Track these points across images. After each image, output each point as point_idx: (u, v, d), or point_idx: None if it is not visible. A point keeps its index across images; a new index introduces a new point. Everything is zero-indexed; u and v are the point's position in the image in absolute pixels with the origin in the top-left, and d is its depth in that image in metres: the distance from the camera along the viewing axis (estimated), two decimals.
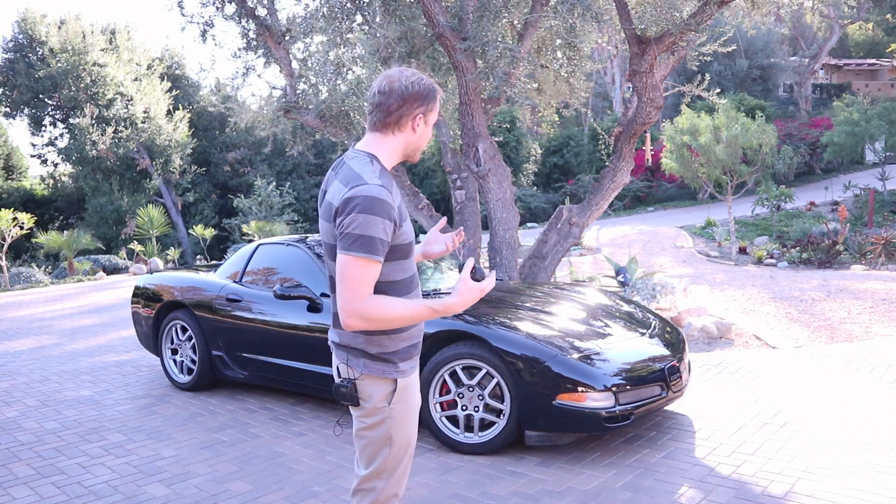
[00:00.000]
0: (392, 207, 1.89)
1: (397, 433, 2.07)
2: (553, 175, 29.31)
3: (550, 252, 7.20)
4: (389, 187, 1.92)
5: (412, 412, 2.11)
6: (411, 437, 2.11)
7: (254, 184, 25.37)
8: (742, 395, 4.71)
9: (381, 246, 1.87)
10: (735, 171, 13.88)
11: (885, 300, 7.95)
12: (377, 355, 2.03)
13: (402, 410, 2.07)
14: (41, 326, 8.96)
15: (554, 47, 8.42)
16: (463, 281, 1.91)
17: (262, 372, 4.93)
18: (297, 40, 8.22)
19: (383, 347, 2.03)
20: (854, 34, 40.69)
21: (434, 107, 2.01)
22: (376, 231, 1.85)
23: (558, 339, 3.84)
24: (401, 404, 2.07)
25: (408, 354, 2.09)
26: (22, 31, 26.92)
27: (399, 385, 2.06)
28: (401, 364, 2.06)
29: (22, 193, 29.70)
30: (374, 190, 1.86)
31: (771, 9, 7.11)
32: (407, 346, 2.08)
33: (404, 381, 2.07)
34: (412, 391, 2.11)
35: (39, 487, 3.59)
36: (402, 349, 2.06)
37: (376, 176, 1.90)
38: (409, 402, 2.10)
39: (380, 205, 1.85)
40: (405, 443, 2.09)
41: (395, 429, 2.07)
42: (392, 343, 2.05)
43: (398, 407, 2.06)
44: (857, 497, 3.10)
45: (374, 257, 1.86)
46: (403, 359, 2.07)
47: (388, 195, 1.88)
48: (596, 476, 3.47)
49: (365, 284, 1.87)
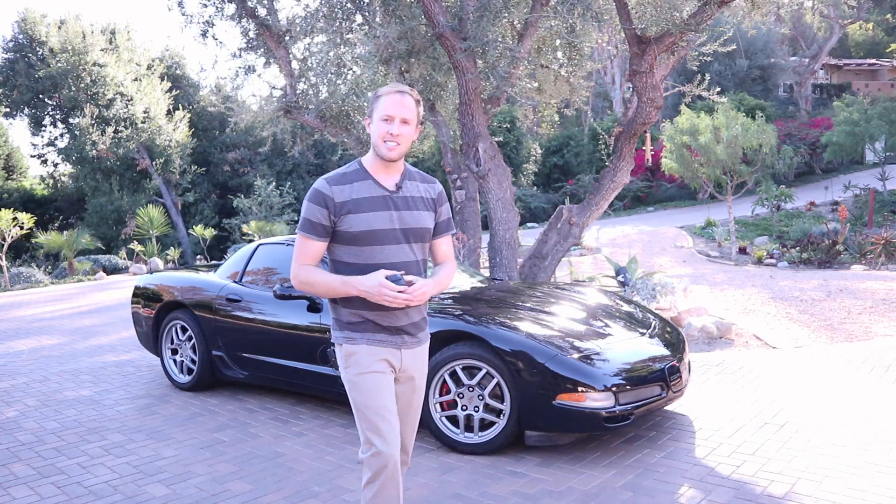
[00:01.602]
0: (326, 197, 2.31)
1: (353, 395, 2.38)
2: (553, 175, 29.30)
3: (550, 252, 7.20)
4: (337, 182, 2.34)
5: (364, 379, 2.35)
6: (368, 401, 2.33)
7: (254, 184, 25.37)
8: (742, 395, 4.71)
9: (314, 227, 2.32)
10: (735, 171, 13.88)
11: (885, 300, 7.95)
12: (337, 322, 2.43)
13: (352, 374, 2.37)
14: (41, 326, 8.96)
15: (554, 47, 8.42)
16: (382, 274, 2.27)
17: (262, 372, 4.93)
18: (297, 40, 8.23)
19: (338, 316, 2.43)
20: (854, 34, 40.68)
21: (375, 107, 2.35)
22: (309, 214, 2.33)
23: (558, 339, 3.84)
24: (350, 369, 2.38)
25: (358, 328, 2.38)
26: (22, 31, 26.91)
27: (345, 349, 2.38)
28: (350, 332, 2.38)
29: (22, 193, 29.69)
30: (316, 182, 2.35)
31: (771, 9, 7.11)
32: (357, 322, 2.38)
33: (351, 347, 2.37)
34: (362, 358, 2.36)
35: (39, 487, 3.59)
36: (351, 322, 2.39)
37: (335, 172, 2.38)
38: (358, 367, 2.36)
39: (313, 194, 2.33)
40: (364, 405, 2.34)
41: (351, 391, 2.39)
42: (341, 314, 2.42)
43: (348, 372, 2.39)
44: (857, 497, 3.10)
45: (306, 234, 2.34)
46: (354, 329, 2.38)
47: (326, 187, 2.32)
48: (596, 476, 3.47)
49: (301, 255, 2.36)
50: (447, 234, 2.56)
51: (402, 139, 2.33)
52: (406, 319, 2.43)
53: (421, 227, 2.42)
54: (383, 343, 2.39)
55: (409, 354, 2.46)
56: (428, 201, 2.47)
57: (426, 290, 2.34)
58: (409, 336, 2.45)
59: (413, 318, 2.45)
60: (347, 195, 2.32)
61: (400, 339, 2.43)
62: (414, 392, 2.53)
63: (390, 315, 2.38)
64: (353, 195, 2.32)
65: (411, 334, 2.45)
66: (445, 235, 2.55)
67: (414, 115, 2.35)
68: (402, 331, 2.43)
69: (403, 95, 2.34)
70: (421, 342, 2.51)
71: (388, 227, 2.34)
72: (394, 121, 2.31)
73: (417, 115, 2.37)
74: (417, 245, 2.43)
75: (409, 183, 2.44)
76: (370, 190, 2.35)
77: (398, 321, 2.41)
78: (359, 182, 2.35)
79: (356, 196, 2.32)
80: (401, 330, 2.42)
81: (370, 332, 2.39)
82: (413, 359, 2.48)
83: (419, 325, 2.49)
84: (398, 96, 2.33)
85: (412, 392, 2.52)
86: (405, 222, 2.38)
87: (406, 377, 2.48)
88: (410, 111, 2.34)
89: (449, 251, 2.59)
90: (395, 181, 2.40)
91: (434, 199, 2.49)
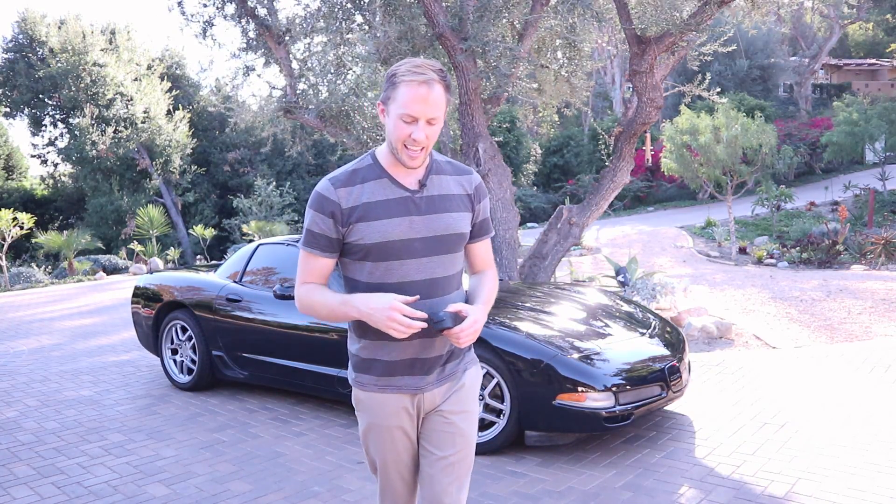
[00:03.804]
0: (329, 201, 1.83)
1: (365, 444, 2.00)
2: (553, 175, 29.31)
3: (550, 252, 7.20)
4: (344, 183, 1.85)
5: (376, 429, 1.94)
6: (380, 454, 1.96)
7: (254, 184, 25.37)
8: (742, 395, 4.71)
9: (317, 240, 1.86)
10: (735, 171, 13.87)
11: (885, 300, 7.95)
12: (350, 353, 2.00)
13: (364, 423, 1.97)
14: (41, 326, 8.96)
15: (554, 47, 8.42)
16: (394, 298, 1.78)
17: (262, 372, 4.93)
18: (297, 40, 8.22)
19: (350, 347, 1.99)
20: (854, 34, 40.68)
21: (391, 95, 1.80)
22: (311, 224, 1.86)
23: (558, 339, 3.84)
24: (362, 415, 1.97)
25: (367, 368, 1.92)
26: (22, 31, 26.92)
27: (355, 395, 1.97)
28: (358, 373, 1.95)
29: (22, 193, 29.70)
30: (319, 185, 1.87)
31: (771, 9, 7.11)
32: (366, 358, 1.91)
33: (358, 392, 1.96)
34: (373, 406, 1.92)
35: (39, 487, 3.59)
36: (360, 358, 1.93)
37: (341, 170, 1.90)
38: (370, 418, 1.94)
39: (315, 199, 1.86)
40: (374, 457, 1.99)
41: (362, 438, 2.01)
42: (352, 345, 1.97)
43: (359, 417, 1.99)
44: (857, 497, 3.10)
45: (307, 249, 1.87)
46: (364, 368, 1.93)
47: (330, 190, 1.84)
48: (596, 476, 3.47)
49: (303, 273, 1.90)
50: (486, 237, 2.05)
51: (429, 142, 1.82)
52: (433, 351, 1.90)
53: (452, 233, 1.89)
54: (399, 389, 1.90)
55: (441, 393, 1.94)
56: (463, 199, 1.94)
57: (479, 323, 1.82)
58: (434, 374, 1.92)
59: (444, 347, 1.92)
60: (357, 199, 1.83)
61: (420, 380, 1.90)
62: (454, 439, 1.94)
63: (407, 346, 1.87)
64: (364, 198, 1.83)
65: (439, 369, 1.93)
66: (485, 238, 2.04)
67: (443, 108, 1.81)
68: (426, 368, 1.90)
69: (431, 87, 1.76)
70: (457, 374, 1.98)
71: (409, 236, 1.84)
72: (418, 122, 1.78)
73: (446, 105, 1.83)
74: (448, 256, 1.90)
75: (436, 178, 1.91)
76: (385, 191, 1.85)
77: (422, 352, 1.89)
78: (371, 181, 1.85)
79: (368, 199, 1.83)
80: (424, 367, 1.90)
81: (381, 374, 1.90)
82: (448, 396, 1.95)
83: (453, 355, 1.96)
84: (424, 89, 1.75)
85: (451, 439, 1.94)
86: (431, 229, 1.86)
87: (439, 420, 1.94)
88: (439, 106, 1.79)
89: (489, 257, 2.07)
90: (418, 177, 1.89)
91: (471, 195, 1.97)
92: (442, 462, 1.93)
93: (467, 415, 1.97)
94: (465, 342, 1.79)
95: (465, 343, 1.79)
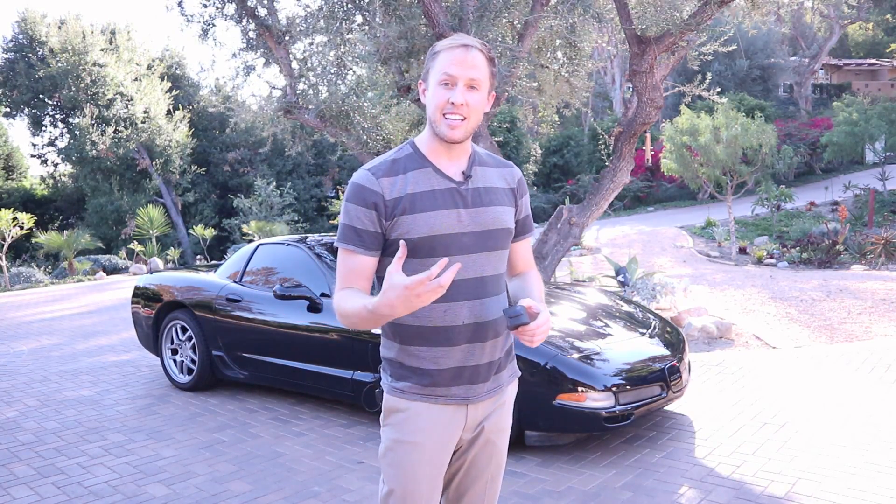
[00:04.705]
0: (371, 192, 1.66)
1: (385, 464, 1.75)
2: (553, 175, 29.31)
3: (550, 252, 7.20)
4: (386, 173, 1.69)
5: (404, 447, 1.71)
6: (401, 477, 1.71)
7: (254, 184, 25.38)
8: (742, 395, 4.71)
9: (360, 237, 1.67)
10: (735, 171, 13.88)
11: (885, 300, 7.95)
12: (383, 360, 1.79)
13: (390, 438, 1.73)
14: (41, 326, 8.96)
15: (554, 47, 8.42)
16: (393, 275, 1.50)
17: (262, 372, 4.93)
18: (297, 40, 8.23)
19: (385, 352, 1.79)
20: (854, 34, 40.69)
21: (431, 66, 1.69)
22: (350, 218, 1.68)
23: (558, 339, 3.84)
24: (390, 429, 1.74)
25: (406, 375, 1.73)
26: (22, 31, 26.92)
27: (387, 402, 1.75)
28: (396, 381, 1.74)
29: (22, 193, 29.71)
30: (357, 175, 1.70)
31: (771, 9, 7.11)
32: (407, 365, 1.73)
33: (395, 401, 1.73)
34: (409, 420, 1.71)
35: (39, 487, 3.59)
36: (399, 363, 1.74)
37: (381, 160, 1.73)
38: (401, 431, 1.72)
39: (355, 191, 1.67)
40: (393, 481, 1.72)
41: (383, 457, 1.75)
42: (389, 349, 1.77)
43: (387, 431, 1.75)
44: (857, 497, 3.10)
45: (347, 246, 1.68)
46: (402, 376, 1.73)
47: (371, 180, 1.67)
48: (596, 476, 3.47)
49: (344, 277, 1.69)
50: (529, 235, 1.92)
51: (470, 111, 1.67)
52: (485, 356, 1.74)
53: (500, 227, 1.76)
54: (444, 399, 1.71)
55: (485, 407, 1.78)
56: (507, 192, 1.81)
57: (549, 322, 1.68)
58: (484, 383, 1.75)
59: (494, 353, 1.76)
60: (401, 189, 1.68)
61: (469, 389, 1.73)
62: (491, 458, 1.82)
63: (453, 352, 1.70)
64: (409, 188, 1.68)
65: (487, 379, 1.76)
66: (527, 237, 1.92)
67: (486, 77, 1.68)
68: (475, 376, 1.74)
69: (469, 50, 1.65)
70: (503, 386, 1.82)
71: (457, 230, 1.69)
72: (457, 84, 1.65)
73: (491, 78, 1.71)
74: (497, 253, 1.76)
75: (479, 170, 1.78)
76: (430, 181, 1.70)
77: (470, 359, 1.72)
78: (414, 171, 1.70)
79: (412, 190, 1.68)
80: (474, 375, 1.73)
81: (424, 384, 1.71)
82: (490, 412, 1.80)
83: (502, 363, 1.80)
84: (462, 52, 1.65)
85: (488, 458, 1.82)
86: (479, 223, 1.72)
87: (478, 437, 1.79)
88: (480, 70, 1.66)
89: (531, 257, 1.95)
90: (462, 168, 1.75)
91: (514, 189, 1.84)
92: (477, 483, 1.82)
93: (505, 433, 1.85)
94: (538, 341, 1.63)
95: (538, 342, 1.63)
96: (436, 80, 1.67)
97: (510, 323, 1.61)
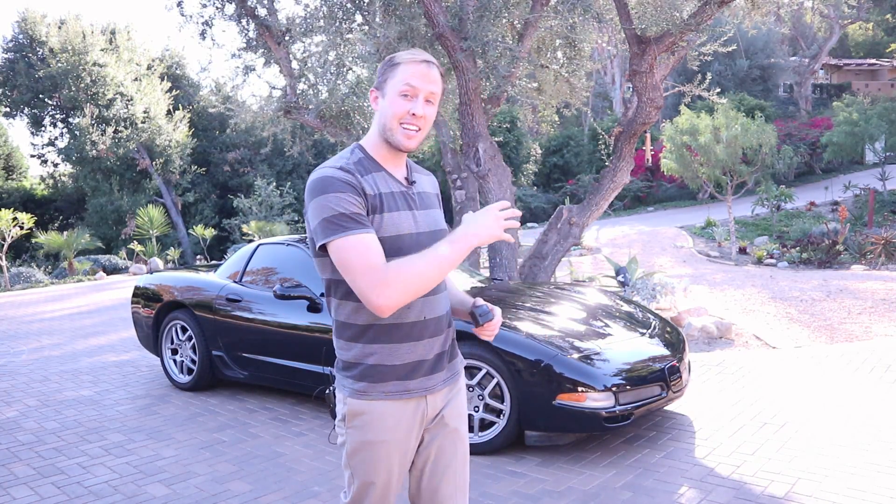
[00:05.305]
0: (348, 183, 1.67)
1: (354, 465, 1.79)
2: (553, 175, 29.32)
3: (550, 252, 7.20)
4: (356, 172, 1.71)
5: (372, 446, 1.75)
6: (373, 475, 1.77)
7: (254, 184, 25.39)
8: (742, 395, 4.71)
9: (359, 218, 1.65)
10: (735, 171, 13.88)
11: (885, 300, 7.95)
12: (342, 364, 1.81)
13: (356, 440, 1.76)
14: (41, 326, 8.96)
15: (554, 47, 8.42)
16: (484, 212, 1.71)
17: (262, 372, 4.93)
18: (297, 40, 8.23)
19: (345, 356, 1.79)
20: (854, 34, 40.70)
21: (389, 76, 1.74)
22: (341, 205, 1.64)
23: (558, 339, 3.84)
24: (355, 432, 1.76)
25: (370, 375, 1.75)
26: (22, 31, 26.92)
27: (350, 406, 1.76)
28: (357, 382, 1.76)
29: (22, 193, 29.71)
30: (325, 171, 1.69)
31: (771, 9, 7.11)
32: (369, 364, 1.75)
33: (359, 404, 1.75)
34: (373, 420, 1.74)
35: (39, 487, 3.59)
36: (360, 364, 1.76)
37: (341, 162, 1.73)
38: (367, 432, 1.75)
39: (330, 182, 1.66)
40: (365, 480, 1.78)
41: (350, 458, 1.79)
42: (349, 350, 1.78)
43: (351, 434, 1.77)
44: (857, 497, 3.10)
45: (355, 232, 1.63)
46: (365, 376, 1.75)
47: (345, 174, 1.68)
48: (596, 476, 3.47)
49: (369, 256, 1.62)
50: None
51: (426, 123, 1.76)
52: (438, 347, 1.82)
53: (441, 228, 1.87)
54: (408, 393, 1.77)
55: (443, 396, 1.85)
56: (437, 198, 1.96)
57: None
58: (440, 373, 1.83)
59: (445, 344, 1.85)
60: (372, 188, 1.72)
61: (428, 380, 1.80)
62: (456, 444, 1.89)
63: (416, 347, 1.77)
64: (377, 189, 1.73)
65: (442, 369, 1.84)
66: None
67: (441, 90, 1.78)
68: (431, 368, 1.81)
69: (430, 66, 1.74)
70: (456, 374, 1.92)
71: (414, 230, 1.77)
72: (418, 96, 1.72)
73: (442, 94, 1.82)
74: None
75: (416, 176, 1.90)
76: (388, 184, 1.77)
77: (429, 352, 1.80)
78: (374, 173, 1.76)
79: (379, 190, 1.74)
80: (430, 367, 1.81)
81: (389, 380, 1.76)
82: (448, 400, 1.88)
83: (451, 353, 1.89)
84: (424, 67, 1.73)
85: (454, 445, 1.88)
86: (428, 224, 1.82)
87: (441, 426, 1.86)
88: (438, 86, 1.75)
89: None
90: (403, 174, 1.84)
91: (439, 196, 1.99)
92: (448, 471, 1.87)
93: (464, 418, 1.93)
94: (493, 336, 1.86)
95: (492, 337, 1.86)
96: (396, 91, 1.73)
97: (482, 320, 1.78)
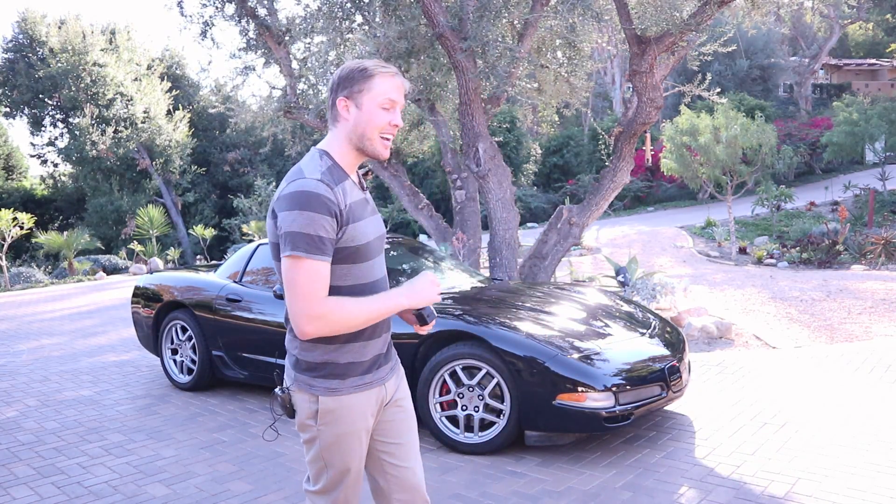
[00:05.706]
0: (332, 202, 1.74)
1: (329, 457, 1.91)
2: (553, 175, 29.31)
3: (550, 252, 7.20)
4: (333, 183, 1.78)
5: (346, 437, 1.89)
6: (349, 462, 1.92)
7: (254, 184, 25.39)
8: (742, 395, 4.71)
9: (325, 245, 1.73)
10: (735, 171, 13.88)
11: (885, 300, 7.95)
12: (306, 365, 1.88)
13: (331, 434, 1.88)
14: (41, 326, 8.96)
15: (554, 47, 8.43)
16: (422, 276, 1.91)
17: (263, 372, 4.93)
18: (297, 40, 8.23)
19: (311, 357, 1.87)
20: (854, 34, 40.70)
21: (364, 87, 1.81)
22: (313, 227, 1.71)
23: (558, 339, 3.84)
24: (329, 427, 1.87)
25: (340, 373, 1.87)
26: (22, 31, 26.94)
27: (322, 404, 1.86)
28: (327, 381, 1.86)
29: (22, 193, 29.74)
30: (310, 184, 1.74)
31: (771, 9, 7.11)
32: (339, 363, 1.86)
33: (332, 401, 1.86)
34: (345, 414, 1.87)
35: (39, 487, 3.59)
36: (328, 363, 1.86)
37: (318, 171, 1.78)
38: (341, 426, 1.87)
39: (314, 199, 1.72)
40: (342, 468, 1.92)
41: (325, 451, 1.90)
42: (318, 354, 1.86)
43: (325, 430, 1.88)
44: (857, 497, 3.10)
45: (317, 257, 1.72)
46: (335, 374, 1.86)
47: (328, 190, 1.74)
48: (596, 476, 3.47)
49: (317, 288, 1.73)
50: None
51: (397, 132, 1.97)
52: (386, 342, 2.01)
53: (384, 231, 2.02)
54: (369, 385, 1.92)
55: (392, 382, 2.03)
56: None
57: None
58: (389, 363, 2.03)
59: (388, 338, 2.04)
60: (344, 199, 1.81)
61: (382, 370, 1.98)
62: (409, 422, 2.08)
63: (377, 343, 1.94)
64: (348, 198, 1.83)
65: (390, 359, 2.04)
66: None
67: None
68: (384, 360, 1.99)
69: (402, 78, 1.88)
70: (397, 361, 2.12)
71: (377, 235, 1.92)
72: (395, 108, 1.85)
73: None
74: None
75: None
76: (354, 192, 1.87)
77: (383, 346, 1.98)
78: (343, 182, 1.83)
79: (350, 200, 1.83)
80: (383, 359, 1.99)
81: (357, 375, 1.90)
82: (396, 385, 2.06)
83: (391, 344, 2.09)
84: (399, 79, 1.85)
85: (407, 422, 2.07)
86: (381, 228, 1.97)
87: (397, 407, 2.05)
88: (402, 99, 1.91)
89: None
90: (357, 179, 1.94)
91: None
92: (405, 448, 2.03)
93: (409, 398, 2.11)
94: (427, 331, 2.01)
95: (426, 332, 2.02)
96: (376, 103, 1.82)
97: (429, 319, 1.95)
